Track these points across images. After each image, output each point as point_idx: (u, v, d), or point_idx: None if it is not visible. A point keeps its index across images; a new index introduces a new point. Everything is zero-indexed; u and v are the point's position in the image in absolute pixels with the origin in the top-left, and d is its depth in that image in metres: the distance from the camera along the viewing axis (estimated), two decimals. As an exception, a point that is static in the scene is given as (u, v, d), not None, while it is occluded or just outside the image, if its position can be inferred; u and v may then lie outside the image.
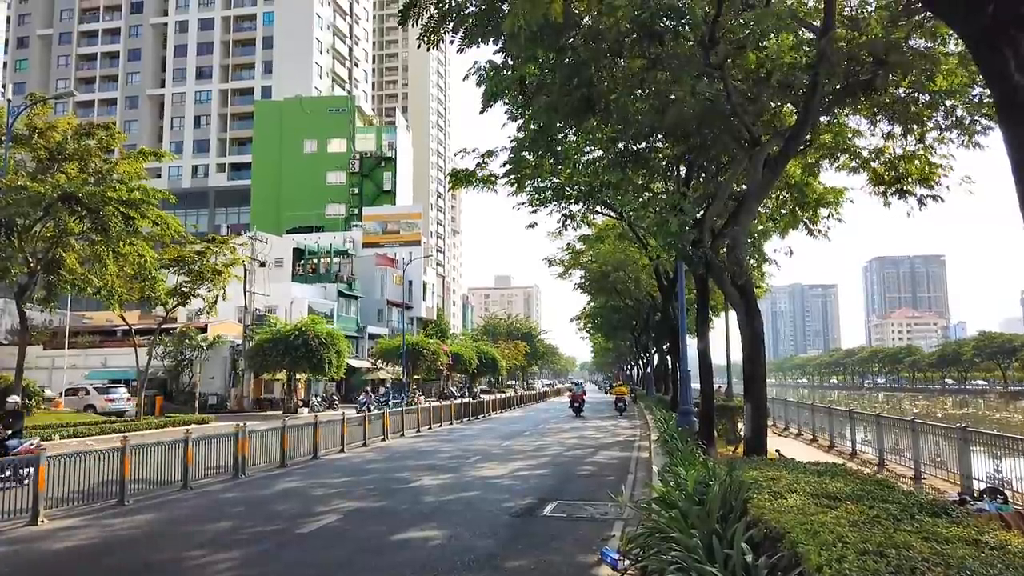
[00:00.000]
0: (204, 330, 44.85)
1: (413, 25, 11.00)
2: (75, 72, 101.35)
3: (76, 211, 24.96)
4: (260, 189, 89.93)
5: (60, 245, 26.00)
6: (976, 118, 12.84)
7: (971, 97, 12.42)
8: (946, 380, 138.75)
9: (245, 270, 42.87)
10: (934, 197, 14.83)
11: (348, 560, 8.23)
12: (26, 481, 11.01)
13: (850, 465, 8.95)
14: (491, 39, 11.00)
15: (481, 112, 13.10)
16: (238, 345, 46.06)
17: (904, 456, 15.52)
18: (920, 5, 9.96)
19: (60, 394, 37.64)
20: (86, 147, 27.22)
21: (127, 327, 36.75)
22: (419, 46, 12.14)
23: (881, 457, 16.43)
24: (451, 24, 10.98)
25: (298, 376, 44.59)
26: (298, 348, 40.35)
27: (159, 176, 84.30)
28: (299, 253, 67.42)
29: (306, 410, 42.20)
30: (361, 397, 42.57)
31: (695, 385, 23.59)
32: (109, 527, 10.39)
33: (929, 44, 11.37)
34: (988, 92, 12.19)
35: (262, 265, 46.83)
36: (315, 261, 68.62)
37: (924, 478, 13.96)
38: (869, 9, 12.21)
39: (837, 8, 11.33)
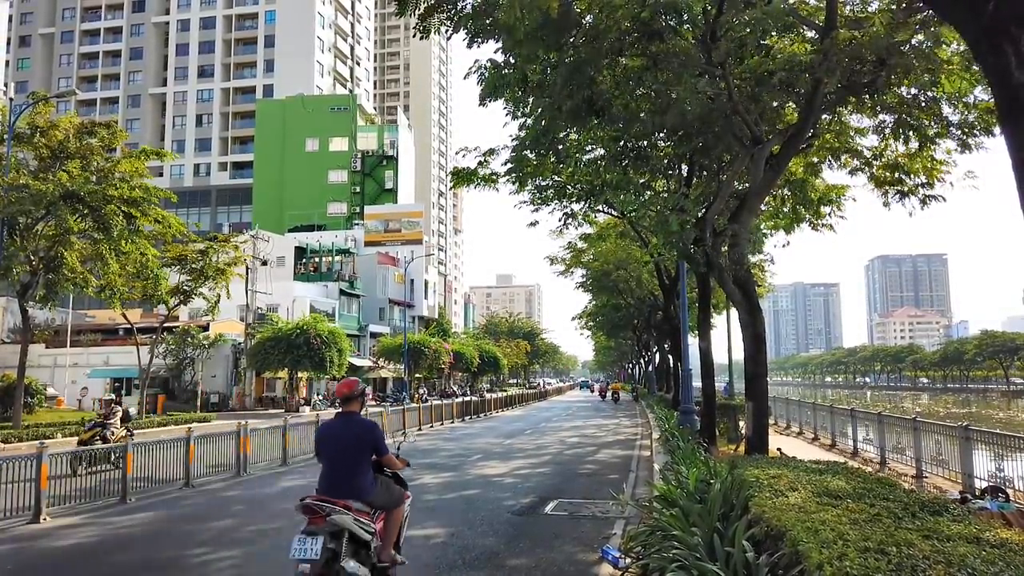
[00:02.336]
0: (206, 329, 44.95)
1: (411, 15, 10.95)
2: (77, 71, 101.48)
3: (78, 209, 25.01)
4: (262, 188, 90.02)
5: (62, 243, 26.03)
6: (976, 120, 12.80)
7: (973, 99, 12.39)
8: (946, 381, 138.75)
9: (247, 269, 42.95)
10: (935, 197, 14.81)
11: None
12: None
13: (852, 464, 8.95)
14: (491, 35, 10.97)
15: (480, 104, 13.07)
16: (240, 344, 46.15)
17: (906, 455, 15.53)
18: (922, 4, 9.94)
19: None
20: (88, 146, 27.26)
21: (129, 326, 36.83)
22: (414, 35, 12.12)
23: (883, 456, 16.44)
24: (448, 14, 10.93)
25: (300, 375, 44.64)
26: (300, 347, 40.42)
27: (161, 175, 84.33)
28: (301, 252, 67.49)
29: (308, 408, 42.28)
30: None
31: (696, 384, 23.61)
32: (111, 525, 10.42)
33: (931, 43, 11.33)
34: (990, 95, 12.20)
35: (264, 264, 46.93)
36: (317, 260, 68.68)
37: (926, 477, 13.96)
38: (871, 8, 12.18)
39: (839, 7, 11.32)
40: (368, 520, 5.74)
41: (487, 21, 10.45)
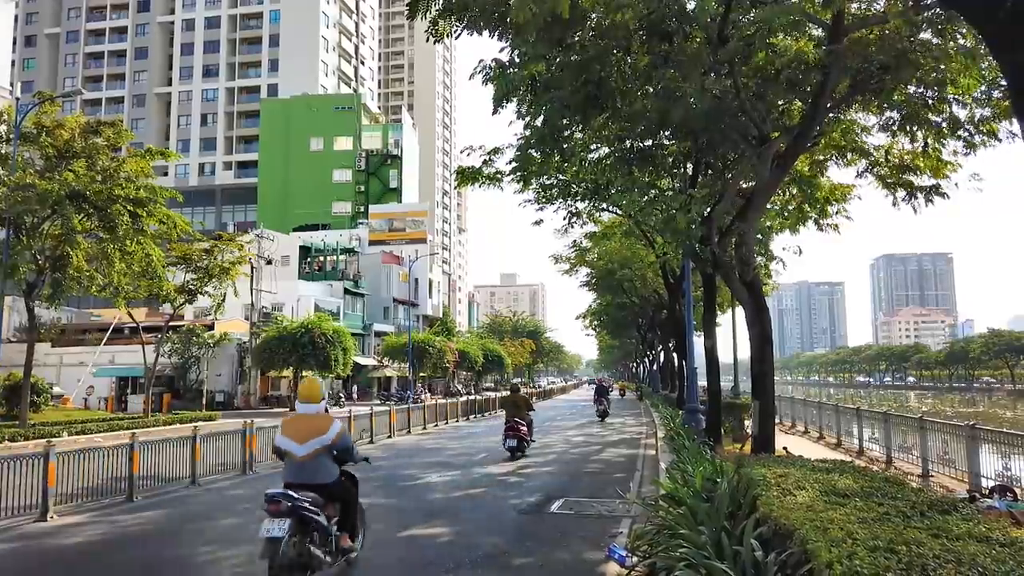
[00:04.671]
0: (211, 328, 45.03)
1: (422, 18, 10.94)
2: (82, 71, 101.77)
3: (84, 209, 25.06)
4: (267, 187, 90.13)
5: (68, 243, 26.09)
6: (987, 119, 12.76)
7: (981, 93, 12.34)
8: (953, 379, 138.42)
9: (252, 268, 43.01)
10: (941, 194, 14.79)
11: (355, 556, 8.24)
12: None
13: (858, 463, 8.93)
14: (497, 32, 10.96)
15: (493, 113, 13.02)
16: (245, 343, 46.22)
17: (912, 454, 15.48)
18: (930, 0, 9.91)
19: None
20: (93, 145, 27.30)
21: (135, 325, 36.91)
22: (427, 39, 12.11)
23: (889, 455, 16.39)
24: (455, 16, 10.91)
25: (304, 373, 44.68)
26: (305, 346, 40.45)
27: (166, 174, 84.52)
28: (305, 251, 67.60)
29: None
30: None
31: (701, 383, 23.57)
32: (118, 523, 10.44)
33: (938, 40, 11.29)
34: (997, 92, 12.15)
35: (269, 263, 46.98)
36: (321, 259, 68.77)
37: (932, 476, 13.92)
38: (878, 6, 12.14)
39: (846, 6, 11.28)
40: None
41: (494, 15, 10.43)
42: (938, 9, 10.07)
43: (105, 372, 44.56)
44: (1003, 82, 9.63)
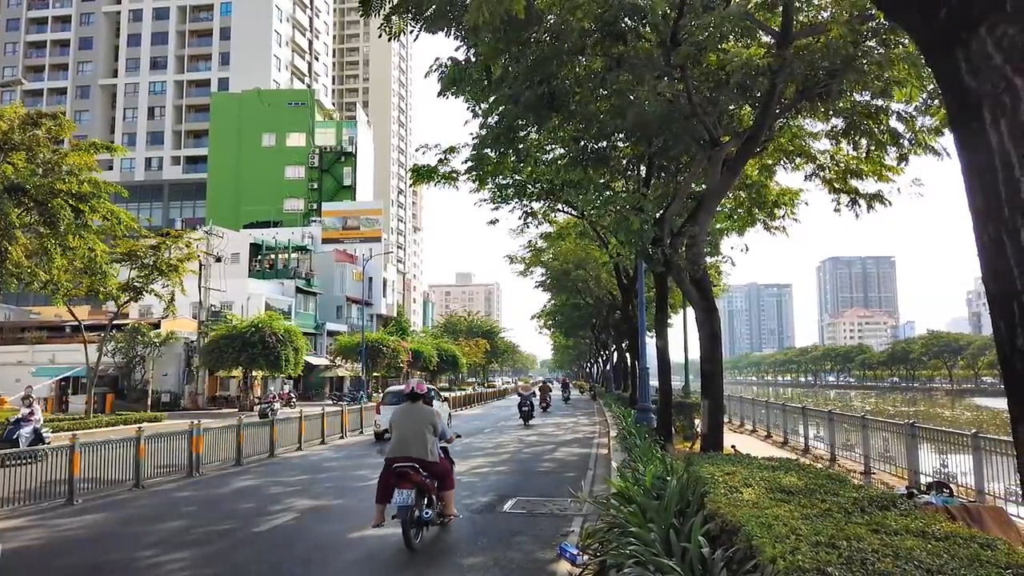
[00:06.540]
0: (157, 326, 43.94)
1: (376, 15, 10.83)
2: (23, 60, 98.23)
3: (23, 203, 24.22)
4: (216, 183, 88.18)
5: (6, 237, 25.15)
6: (926, 128, 13.20)
7: (923, 103, 12.75)
8: (894, 378, 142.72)
9: (200, 265, 42.08)
10: (882, 201, 15.30)
11: (305, 559, 8.14)
12: None
13: (803, 460, 9.14)
14: (452, 30, 10.92)
15: (439, 95, 12.92)
16: (193, 342, 45.20)
17: (855, 452, 15.92)
18: (874, 12, 10.20)
19: None
20: (34, 137, 26.38)
21: (76, 323, 35.78)
22: (380, 35, 11.96)
23: (833, 452, 16.83)
24: (410, 14, 10.82)
25: (254, 373, 43.92)
26: (254, 345, 39.73)
27: (111, 168, 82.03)
28: (256, 248, 66.33)
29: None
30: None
31: (653, 382, 23.86)
32: (57, 527, 10.11)
33: (882, 50, 11.64)
34: (938, 100, 12.58)
35: (218, 260, 45.98)
36: (273, 256, 67.60)
37: (874, 473, 14.33)
38: (825, 15, 12.45)
39: (794, 12, 11.55)
40: None
41: (450, 16, 10.39)
42: (882, 19, 10.37)
43: (45, 372, 43.09)
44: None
